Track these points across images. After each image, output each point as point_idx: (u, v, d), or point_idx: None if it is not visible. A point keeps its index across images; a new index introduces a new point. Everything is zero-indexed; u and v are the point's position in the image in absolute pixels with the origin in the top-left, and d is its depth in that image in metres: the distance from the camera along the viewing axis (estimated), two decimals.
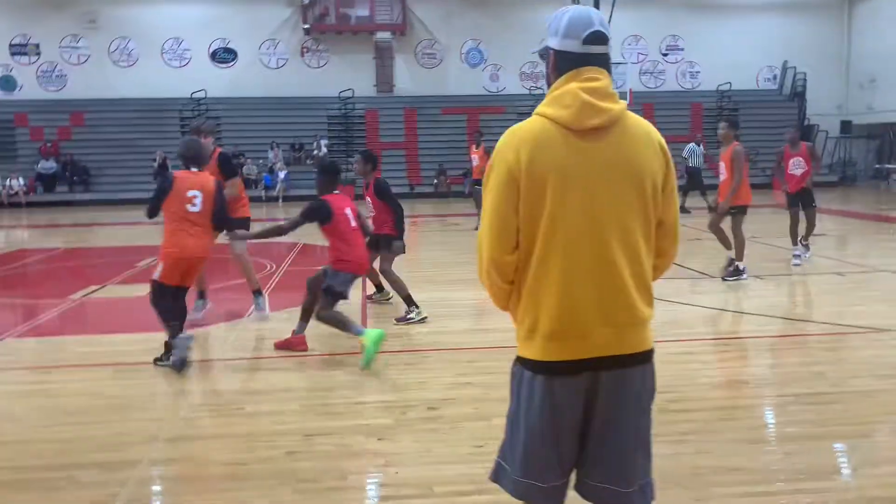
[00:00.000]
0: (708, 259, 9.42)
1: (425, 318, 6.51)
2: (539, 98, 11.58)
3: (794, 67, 26.58)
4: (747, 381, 4.80)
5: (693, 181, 16.69)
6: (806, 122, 26.34)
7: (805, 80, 26.36)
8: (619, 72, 22.90)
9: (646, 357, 1.94)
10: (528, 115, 8.88)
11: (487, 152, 14.31)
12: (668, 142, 8.63)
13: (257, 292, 6.82)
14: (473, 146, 14.58)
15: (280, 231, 5.71)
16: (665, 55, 27.36)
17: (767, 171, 24.26)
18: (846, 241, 12.29)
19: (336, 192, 5.61)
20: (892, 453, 3.66)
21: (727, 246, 8.35)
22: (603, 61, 1.92)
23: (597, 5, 21.86)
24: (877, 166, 25.25)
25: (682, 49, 27.27)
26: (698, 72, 27.26)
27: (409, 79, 27.16)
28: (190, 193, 5.23)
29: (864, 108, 26.00)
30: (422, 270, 9.47)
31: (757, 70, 27.13)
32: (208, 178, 5.48)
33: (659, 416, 4.14)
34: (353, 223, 5.54)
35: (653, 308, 1.94)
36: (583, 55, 1.91)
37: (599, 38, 1.91)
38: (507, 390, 2.05)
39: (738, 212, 8.16)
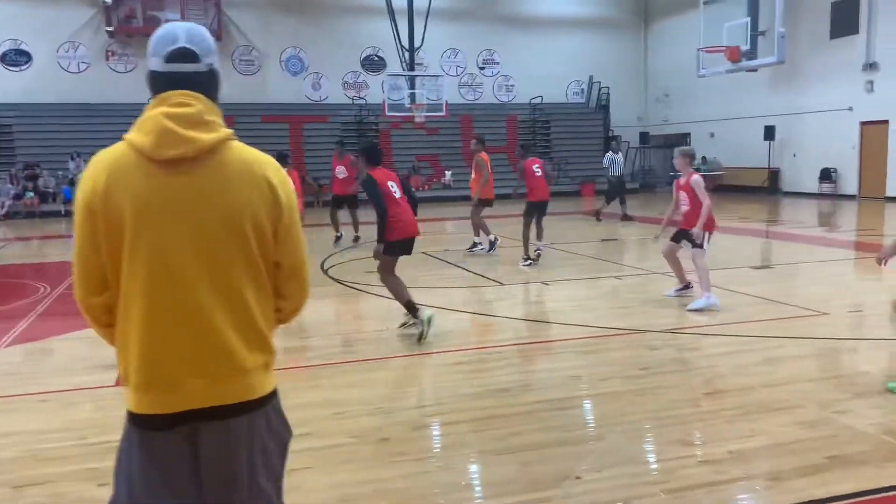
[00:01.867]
0: (486, 266, 9.74)
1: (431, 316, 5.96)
2: (363, 108, 11.78)
3: (599, 82, 28.44)
4: (509, 388, 4.91)
5: (615, 189, 16.43)
6: (610, 133, 28.28)
7: (609, 94, 28.28)
8: (437, 84, 23.43)
9: (252, 406, 1.78)
10: (352, 124, 8.93)
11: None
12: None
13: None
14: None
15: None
16: (482, 69, 28.30)
17: (578, 179, 25.82)
18: (634, 245, 13.19)
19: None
20: (620, 455, 3.82)
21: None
22: (194, 83, 1.74)
23: (410, 18, 22.24)
24: (671, 174, 27.48)
25: (498, 63, 28.35)
26: (513, 85, 28.46)
27: (226, 85, 25.09)
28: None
29: (661, 119, 28.32)
30: None
31: (566, 84, 28.77)
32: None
33: (411, 434, 4.20)
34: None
35: (267, 353, 1.83)
36: (166, 74, 1.74)
37: (183, 55, 1.74)
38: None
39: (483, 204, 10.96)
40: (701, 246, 7.07)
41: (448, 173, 25.24)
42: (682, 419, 4.32)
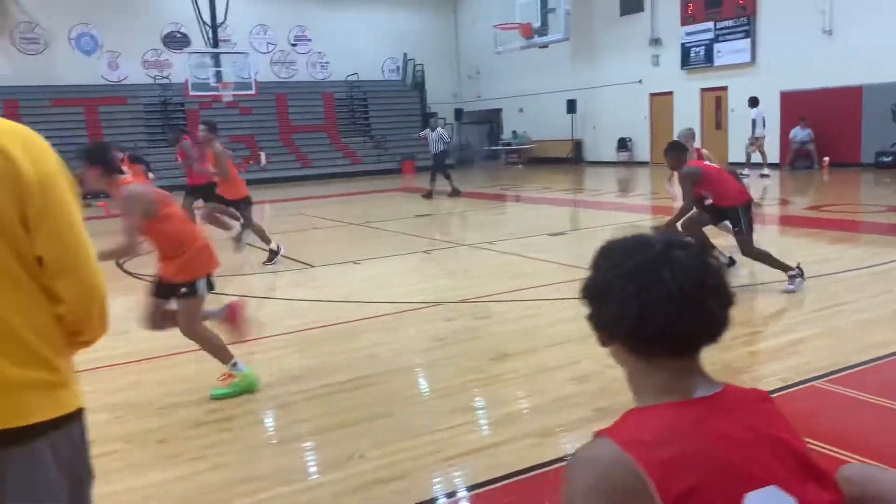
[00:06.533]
0: (314, 248, 9.58)
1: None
2: (165, 87, 10.77)
3: (414, 59, 28.68)
4: (298, 375, 4.80)
5: (434, 165, 16.42)
6: (428, 110, 28.67)
7: (423, 71, 28.61)
8: (246, 61, 22.54)
9: (25, 433, 1.46)
10: (156, 105, 8.11)
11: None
12: (300, 132, 8.39)
13: None
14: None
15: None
16: (294, 45, 27.57)
17: (398, 157, 25.98)
18: (451, 219, 13.47)
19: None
20: (403, 430, 3.85)
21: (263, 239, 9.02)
22: None
23: None
24: (485, 148, 28.46)
25: (311, 40, 27.74)
26: (328, 62, 28.00)
27: (6, 66, 23.54)
28: None
29: (473, 96, 29.13)
30: None
31: (381, 61, 28.73)
32: None
33: (190, 433, 3.99)
34: None
35: (44, 370, 1.50)
36: None
37: None
38: None
39: (245, 203, 8.94)
40: None
41: (263, 154, 24.48)
42: (466, 387, 4.43)
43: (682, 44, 20.88)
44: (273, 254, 8.82)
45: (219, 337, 4.63)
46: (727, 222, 6.73)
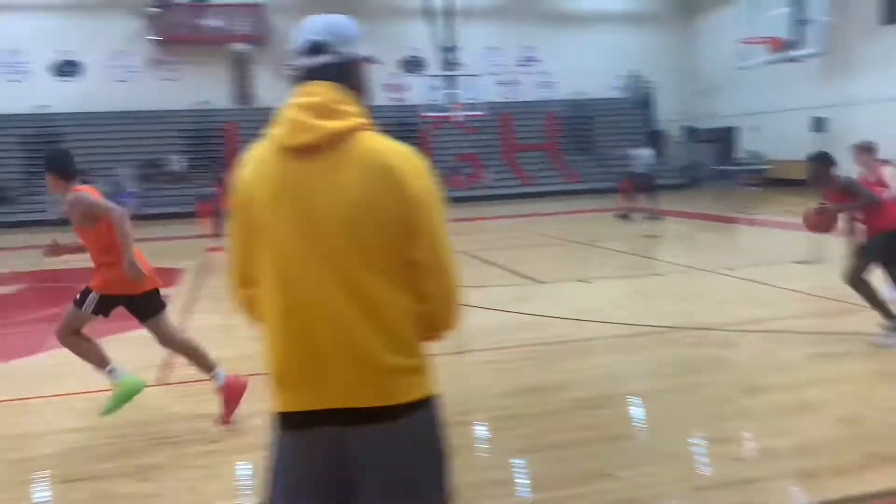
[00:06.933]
0: (540, 264, 9.71)
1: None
2: (401, 109, 11.63)
3: (643, 76, 28.06)
4: (538, 387, 4.91)
5: (640, 185, 16.16)
6: (654, 128, 27.88)
7: (653, 88, 27.88)
8: (476, 83, 23.52)
9: (397, 412, 1.68)
10: (394, 126, 8.99)
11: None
12: (522, 150, 8.65)
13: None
14: None
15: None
16: (522, 65, 28.20)
17: (621, 175, 25.51)
18: (681, 241, 12.98)
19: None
20: (653, 453, 3.80)
21: None
22: (327, 74, 1.71)
23: (447, 19, 22.37)
24: (714, 167, 26.93)
25: (538, 60, 28.21)
26: (554, 82, 28.27)
27: (272, 90, 26.60)
28: None
29: (708, 113, 27.79)
30: None
31: (608, 79, 28.43)
32: None
33: None
34: None
35: (412, 357, 1.71)
36: (302, 68, 1.76)
37: (310, 47, 1.73)
38: None
39: None
40: None
41: (487, 172, 25.31)
42: (714, 417, 4.26)
43: None
44: None
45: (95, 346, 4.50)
46: None
